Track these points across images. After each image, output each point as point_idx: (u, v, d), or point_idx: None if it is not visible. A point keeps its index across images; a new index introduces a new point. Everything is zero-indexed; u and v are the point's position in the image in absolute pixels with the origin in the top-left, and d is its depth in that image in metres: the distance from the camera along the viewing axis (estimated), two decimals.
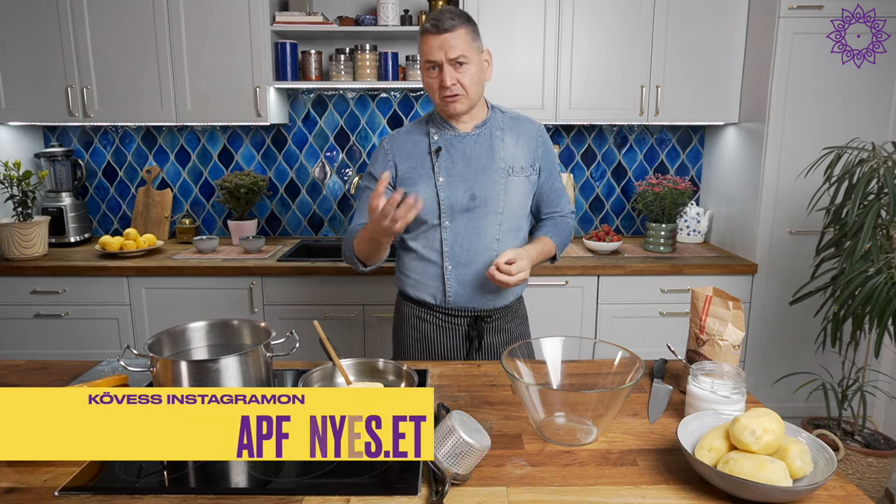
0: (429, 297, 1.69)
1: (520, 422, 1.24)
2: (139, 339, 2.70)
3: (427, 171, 1.61)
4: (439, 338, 1.71)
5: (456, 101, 1.56)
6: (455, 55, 1.50)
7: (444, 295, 1.67)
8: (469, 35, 1.53)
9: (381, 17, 2.77)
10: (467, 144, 1.63)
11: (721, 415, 1.12)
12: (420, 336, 1.73)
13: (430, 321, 1.72)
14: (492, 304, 1.69)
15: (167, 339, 1.32)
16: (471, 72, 1.54)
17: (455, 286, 1.65)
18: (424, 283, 1.69)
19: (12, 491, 1.00)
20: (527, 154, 1.67)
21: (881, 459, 2.22)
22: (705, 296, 1.34)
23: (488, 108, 1.68)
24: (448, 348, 1.72)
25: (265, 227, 3.27)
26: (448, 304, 1.67)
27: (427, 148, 1.63)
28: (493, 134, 1.64)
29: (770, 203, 2.66)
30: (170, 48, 2.74)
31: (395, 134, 1.69)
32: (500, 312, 1.72)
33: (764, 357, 2.77)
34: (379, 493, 0.99)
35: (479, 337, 1.70)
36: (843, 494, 0.98)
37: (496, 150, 1.63)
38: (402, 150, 1.65)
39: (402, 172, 1.63)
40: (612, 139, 3.19)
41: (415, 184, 1.61)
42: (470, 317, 1.70)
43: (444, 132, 1.63)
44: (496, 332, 1.73)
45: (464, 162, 1.61)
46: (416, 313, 1.73)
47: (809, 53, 2.54)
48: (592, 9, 2.73)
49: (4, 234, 2.65)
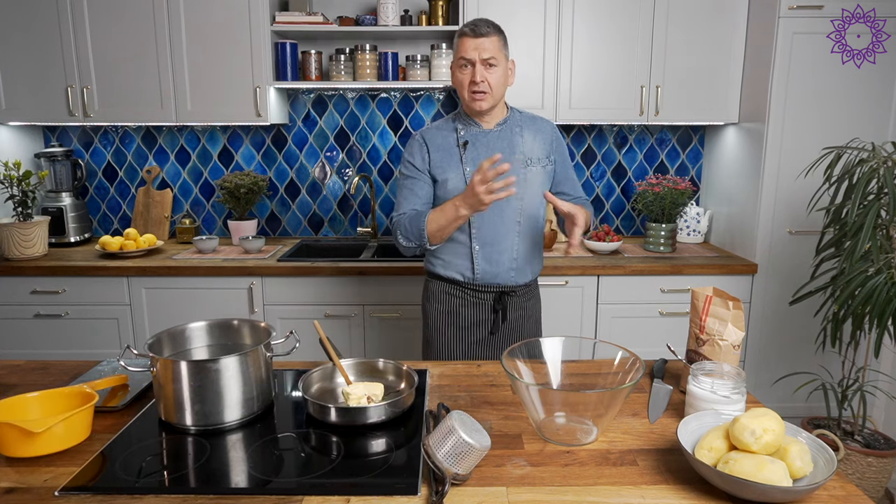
0: (458, 275, 1.88)
1: (520, 422, 1.24)
2: (139, 339, 2.70)
3: (456, 162, 1.82)
4: (467, 311, 1.90)
5: (483, 98, 1.75)
6: (487, 56, 1.72)
7: (473, 272, 1.86)
8: (500, 42, 1.75)
9: (381, 17, 2.77)
10: (491, 139, 1.84)
11: (721, 415, 1.12)
12: (450, 309, 1.91)
13: (459, 296, 1.90)
14: (514, 280, 1.87)
15: (167, 339, 1.33)
16: (498, 73, 1.75)
17: (482, 264, 1.84)
18: (454, 262, 1.87)
19: (12, 491, 1.00)
20: (543, 147, 1.88)
21: (881, 459, 2.22)
22: (705, 296, 1.34)
23: (507, 109, 1.89)
24: (476, 320, 1.90)
25: (265, 227, 3.27)
26: (476, 280, 1.86)
27: (455, 142, 1.84)
28: (513, 130, 1.85)
29: (770, 203, 2.66)
30: (170, 48, 2.74)
31: (426, 129, 1.89)
32: (521, 289, 1.91)
33: (764, 357, 2.77)
34: (379, 493, 0.99)
35: (504, 310, 1.88)
36: (843, 494, 0.98)
37: (516, 145, 1.84)
38: (434, 142, 1.85)
39: (435, 162, 1.83)
40: (612, 139, 3.19)
41: (445, 172, 1.81)
42: (496, 292, 1.88)
43: (470, 128, 1.84)
44: (516, 308, 1.92)
45: (488, 154, 1.80)
46: (446, 290, 1.91)
47: (809, 53, 2.54)
48: (592, 9, 2.73)
49: (4, 234, 2.65)
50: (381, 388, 1.29)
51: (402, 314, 2.67)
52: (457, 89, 1.81)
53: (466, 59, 1.73)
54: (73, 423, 1.11)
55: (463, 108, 1.86)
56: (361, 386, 1.27)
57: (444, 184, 1.81)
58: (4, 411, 1.15)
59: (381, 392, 1.28)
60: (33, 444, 1.08)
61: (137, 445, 1.14)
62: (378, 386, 1.29)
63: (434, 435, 1.02)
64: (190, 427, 1.19)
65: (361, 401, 1.23)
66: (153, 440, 1.17)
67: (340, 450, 1.12)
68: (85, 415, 1.14)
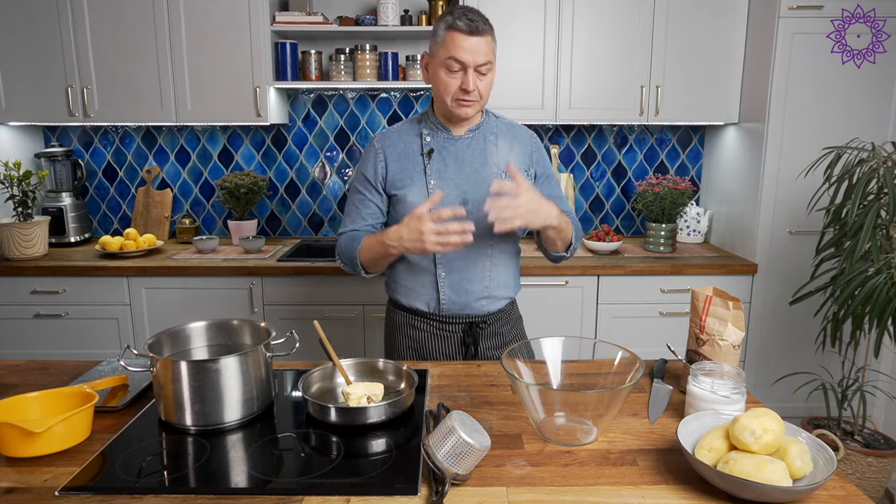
0: (422, 305, 1.66)
1: (520, 422, 1.24)
2: (139, 339, 2.70)
3: (419, 173, 1.58)
4: (434, 345, 1.68)
5: (470, 106, 1.53)
6: (483, 61, 1.49)
7: (439, 303, 1.63)
8: (493, 42, 1.53)
9: (381, 17, 2.77)
10: (460, 148, 1.60)
11: (721, 415, 1.12)
12: (415, 344, 1.70)
13: (424, 329, 1.68)
14: (486, 308, 1.66)
15: (167, 339, 1.32)
16: (489, 79, 1.53)
17: (449, 293, 1.62)
18: (417, 290, 1.65)
19: (12, 491, 1.00)
20: (520, 159, 1.63)
21: (881, 459, 2.22)
22: (705, 296, 1.34)
23: (483, 113, 1.65)
24: (443, 355, 1.69)
25: (265, 227, 3.27)
26: (442, 311, 1.64)
27: (419, 149, 1.60)
28: (486, 138, 1.62)
29: (770, 203, 2.66)
30: (170, 48, 2.74)
31: (386, 132, 1.65)
32: (494, 317, 1.69)
33: (764, 357, 2.77)
34: (379, 493, 0.99)
35: (475, 343, 1.67)
36: (843, 494, 0.98)
37: (489, 154, 1.60)
38: (394, 150, 1.61)
39: (393, 173, 1.60)
40: (612, 139, 3.19)
41: (405, 185, 1.58)
42: (465, 323, 1.66)
43: (437, 134, 1.60)
44: (490, 337, 1.70)
45: (456, 165, 1.59)
46: (409, 321, 1.70)
47: (809, 53, 2.54)
48: (592, 9, 2.73)
49: (4, 234, 2.65)
50: (381, 388, 1.29)
51: None
52: (435, 89, 1.55)
53: (459, 60, 1.47)
54: (73, 423, 1.11)
55: (434, 109, 1.62)
56: (361, 386, 1.27)
57: (403, 199, 1.58)
58: (4, 411, 1.15)
59: (381, 392, 1.28)
60: (33, 444, 1.08)
61: (137, 445, 1.14)
62: (378, 386, 1.29)
63: (434, 435, 1.02)
64: (190, 427, 1.19)
65: (361, 401, 1.23)
66: (153, 440, 1.17)
67: (340, 450, 1.12)
68: (85, 415, 1.14)
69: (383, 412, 1.20)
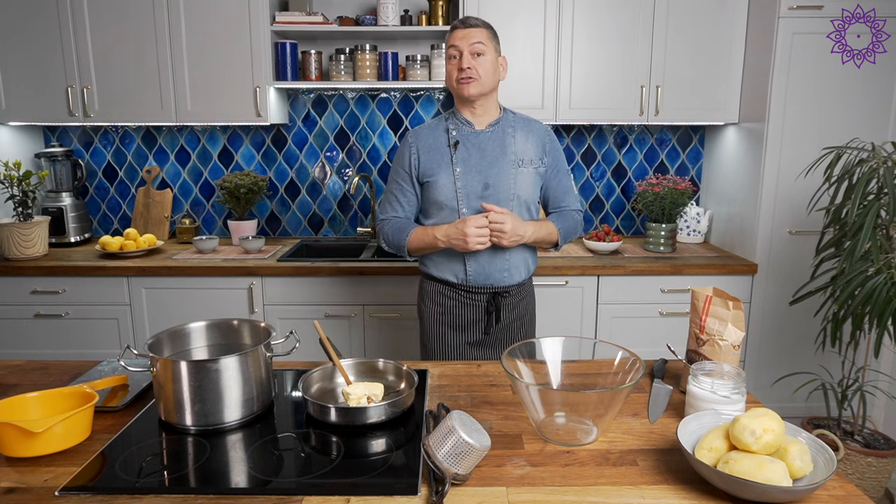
0: (451, 276, 1.88)
1: (520, 422, 1.24)
2: (139, 339, 2.70)
3: (446, 163, 1.82)
4: (461, 312, 1.90)
5: (469, 83, 1.75)
6: (474, 41, 1.74)
7: (465, 273, 1.86)
8: (489, 33, 1.78)
9: (381, 17, 2.77)
10: (482, 139, 1.83)
11: (721, 415, 1.12)
12: (444, 311, 1.92)
13: (453, 297, 1.90)
14: (508, 280, 1.87)
15: (167, 339, 1.33)
16: (486, 63, 1.76)
17: (475, 266, 1.85)
18: (447, 263, 1.88)
19: (12, 491, 1.00)
20: (535, 149, 1.86)
21: (881, 459, 2.22)
22: (705, 296, 1.34)
23: (501, 110, 1.88)
24: (470, 321, 1.91)
25: (265, 227, 3.27)
26: (469, 281, 1.87)
27: (446, 142, 1.84)
28: (505, 131, 1.85)
29: (770, 203, 2.66)
30: (170, 48, 2.74)
31: (418, 129, 1.90)
32: (514, 289, 1.91)
33: (764, 357, 2.77)
34: (379, 493, 0.99)
35: (498, 311, 1.88)
36: (843, 494, 0.98)
37: (508, 145, 1.83)
38: (425, 143, 1.85)
39: (424, 163, 1.84)
40: (612, 139, 3.19)
41: (435, 173, 1.82)
42: (488, 293, 1.88)
43: (462, 128, 1.84)
44: (511, 309, 1.92)
45: (479, 154, 1.82)
46: (439, 290, 1.92)
47: (809, 53, 2.54)
48: (592, 9, 2.73)
49: (4, 234, 2.65)
50: (381, 388, 1.29)
51: (401, 314, 2.67)
52: (447, 82, 1.83)
53: (454, 46, 1.76)
54: (73, 423, 1.11)
55: (456, 104, 1.87)
56: (361, 386, 1.28)
57: (434, 184, 1.82)
58: (4, 411, 1.15)
59: (381, 392, 1.28)
60: (33, 444, 1.08)
61: (137, 445, 1.14)
62: (378, 386, 1.29)
63: (434, 435, 1.02)
64: (190, 427, 1.19)
65: (361, 401, 1.23)
66: (153, 440, 1.17)
67: (340, 450, 1.12)
68: (85, 415, 1.14)
69: (383, 412, 1.20)
